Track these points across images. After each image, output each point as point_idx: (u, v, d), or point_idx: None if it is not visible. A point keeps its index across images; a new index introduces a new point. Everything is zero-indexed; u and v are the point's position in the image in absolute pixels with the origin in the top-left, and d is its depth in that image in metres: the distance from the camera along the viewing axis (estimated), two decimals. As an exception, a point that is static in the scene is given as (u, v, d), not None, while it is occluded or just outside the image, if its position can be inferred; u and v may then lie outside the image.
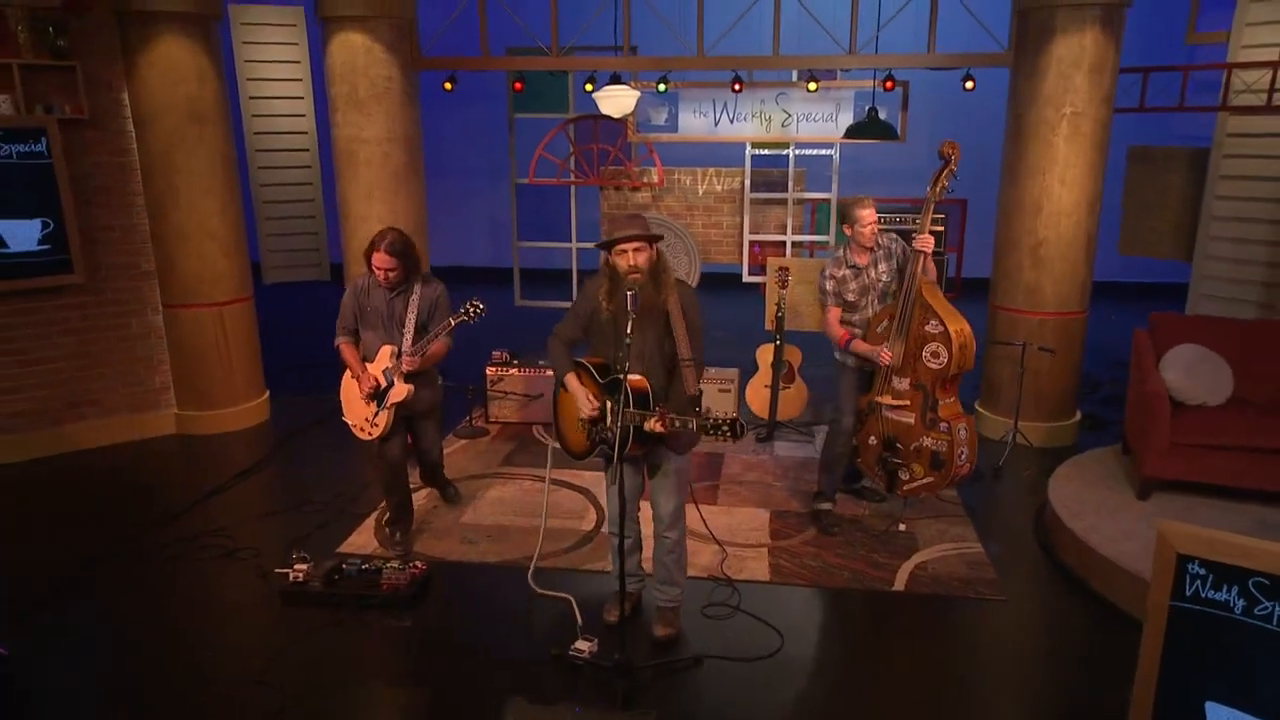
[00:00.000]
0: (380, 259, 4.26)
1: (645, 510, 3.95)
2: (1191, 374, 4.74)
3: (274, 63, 7.52)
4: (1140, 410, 4.70)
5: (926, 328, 4.45)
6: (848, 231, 4.64)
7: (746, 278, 8.19)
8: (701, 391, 3.48)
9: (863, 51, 6.19)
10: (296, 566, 4.21)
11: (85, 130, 5.64)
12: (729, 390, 6.50)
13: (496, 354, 6.62)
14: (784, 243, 8.07)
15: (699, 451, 5.69)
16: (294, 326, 8.44)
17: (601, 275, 3.58)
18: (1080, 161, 5.67)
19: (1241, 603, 2.51)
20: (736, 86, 6.51)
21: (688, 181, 8.22)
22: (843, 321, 4.72)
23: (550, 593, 4.19)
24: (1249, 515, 4.46)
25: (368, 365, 4.49)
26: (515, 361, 6.59)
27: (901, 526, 4.83)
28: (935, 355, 4.44)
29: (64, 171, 5.46)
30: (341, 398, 4.65)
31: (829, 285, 4.69)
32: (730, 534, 4.79)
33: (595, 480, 5.54)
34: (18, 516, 5.13)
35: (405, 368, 4.33)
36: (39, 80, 5.42)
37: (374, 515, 5.04)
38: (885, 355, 4.47)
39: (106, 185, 5.82)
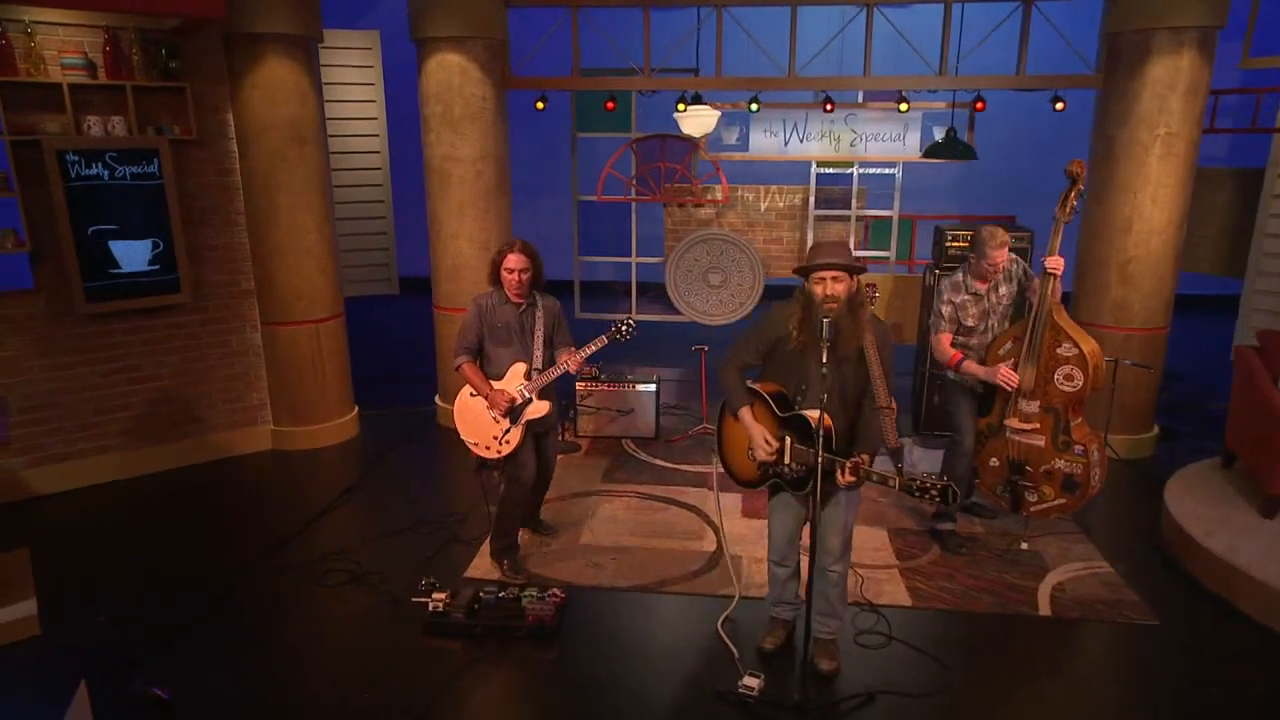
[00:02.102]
0: (515, 259, 3.93)
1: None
2: (1314, 393, 4.40)
3: (351, 84, 7.13)
4: (1263, 428, 4.35)
5: (1059, 350, 4.08)
6: (972, 260, 4.27)
7: (809, 291, 7.81)
8: (903, 445, 3.10)
9: (952, 73, 5.81)
10: (435, 596, 3.81)
11: (192, 150, 5.22)
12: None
13: (586, 368, 6.22)
14: (845, 258, 7.71)
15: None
16: (370, 340, 8.03)
17: (795, 303, 3.18)
18: (1172, 181, 5.32)
19: None
20: (829, 107, 6.14)
21: (750, 198, 7.84)
22: (955, 344, 4.35)
23: (727, 640, 3.81)
24: (1381, 535, 4.13)
25: (493, 383, 4.09)
26: (603, 376, 6.20)
27: (1024, 545, 4.47)
28: (1069, 378, 4.07)
29: (174, 192, 5.03)
30: (456, 417, 4.21)
31: (946, 310, 4.32)
32: (855, 555, 4.39)
33: (700, 496, 5.17)
34: (135, 536, 4.70)
35: (572, 369, 3.99)
36: (149, 102, 4.99)
37: (488, 540, 4.64)
38: (1012, 378, 4.11)
39: (211, 205, 5.40)
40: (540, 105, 6.29)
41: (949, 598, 4.01)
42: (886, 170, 7.58)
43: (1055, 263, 4.02)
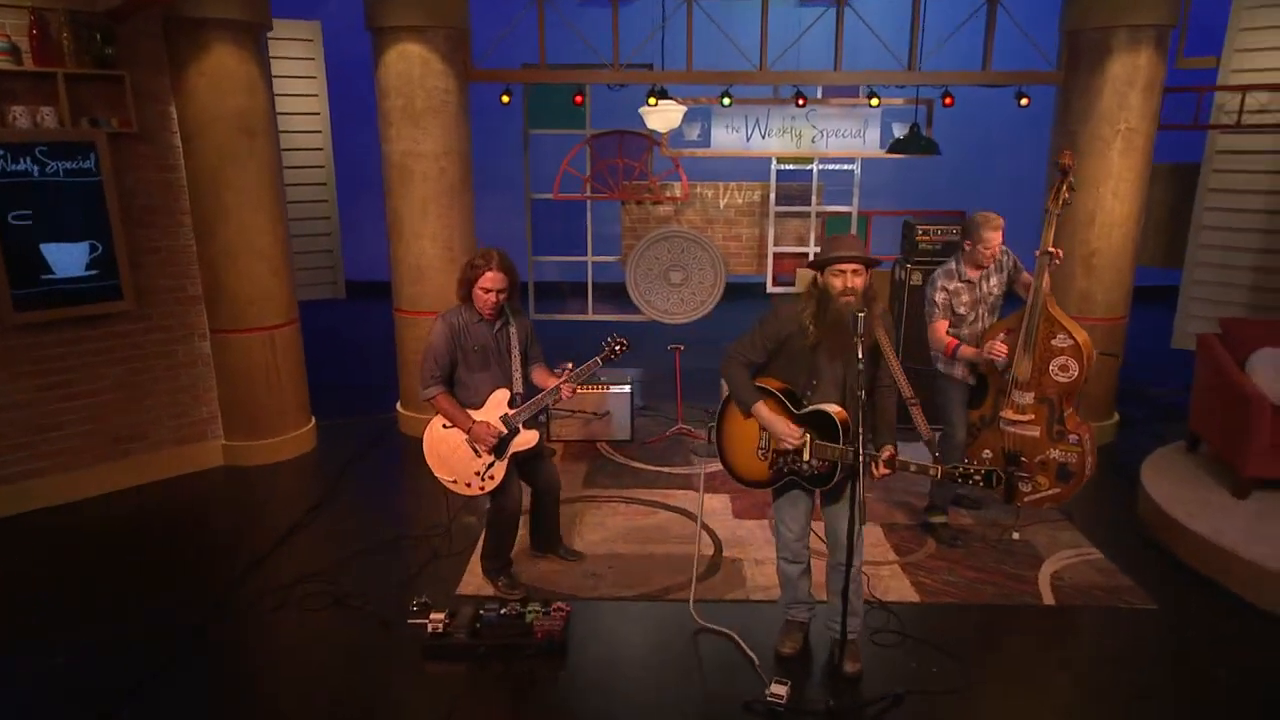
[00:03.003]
0: (494, 278, 3.63)
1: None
2: None
3: (291, 78, 6.76)
4: (1235, 412, 4.50)
5: (1054, 341, 4.12)
6: (967, 246, 4.27)
7: (771, 288, 7.80)
8: (935, 435, 3.04)
9: (920, 69, 5.85)
10: (433, 616, 3.56)
11: (132, 144, 4.79)
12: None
13: (556, 371, 6.02)
14: (806, 254, 7.73)
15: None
16: (319, 346, 7.62)
17: (807, 298, 3.09)
18: (1132, 175, 5.48)
19: None
20: (800, 101, 6.09)
21: (709, 195, 7.78)
22: (948, 333, 4.36)
23: (716, 628, 3.68)
24: (1346, 511, 4.32)
25: (471, 413, 3.77)
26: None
27: (1016, 535, 4.51)
28: (1064, 369, 4.12)
29: (113, 190, 4.61)
30: (428, 452, 3.86)
31: (940, 298, 4.32)
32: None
33: (690, 499, 5.04)
34: (83, 568, 4.27)
35: (565, 396, 3.73)
36: (83, 91, 4.56)
37: (476, 552, 4.41)
38: (1000, 350, 4.11)
39: (154, 204, 4.98)
40: (505, 99, 6.05)
41: (955, 591, 4.00)
42: (846, 166, 7.62)
43: (1056, 253, 4.05)
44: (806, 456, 3.11)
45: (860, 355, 2.83)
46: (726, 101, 5.96)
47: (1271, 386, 4.50)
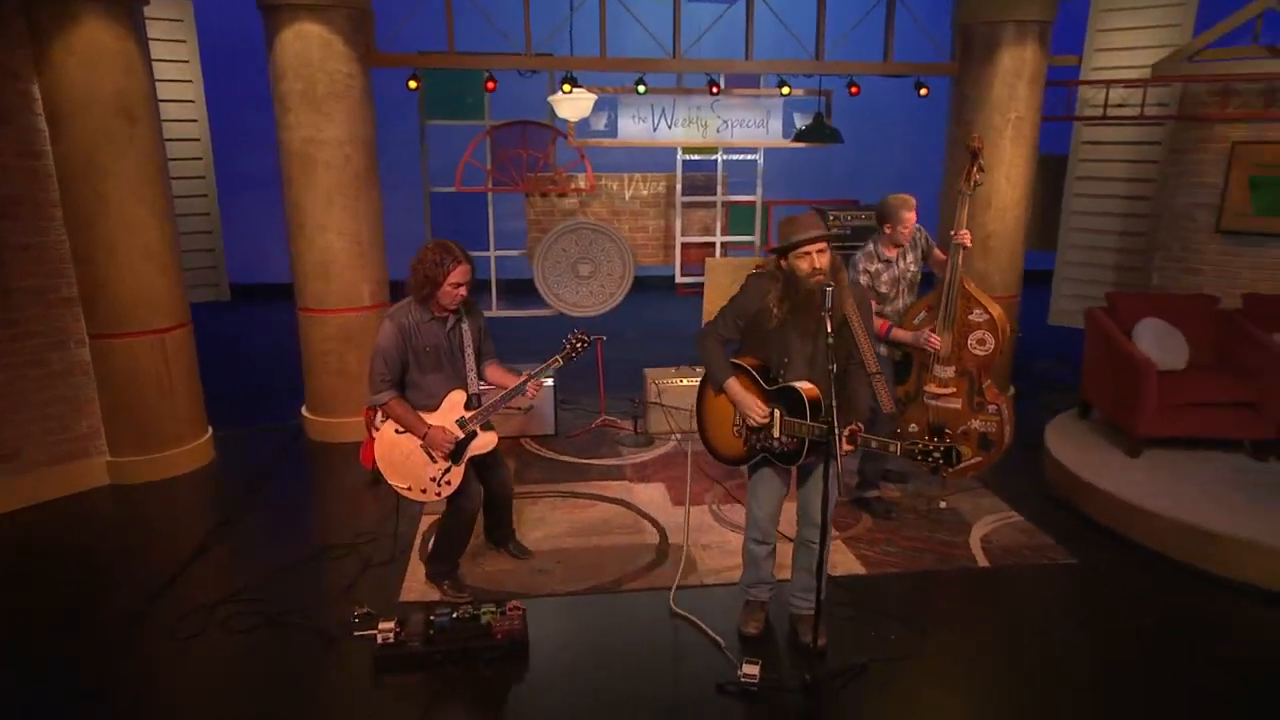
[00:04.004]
0: (464, 271, 3.45)
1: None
2: (1161, 344, 4.99)
3: (160, 61, 6.21)
4: (1126, 378, 4.87)
5: (971, 316, 4.33)
6: (887, 229, 4.41)
7: (680, 278, 7.84)
8: (898, 410, 3.10)
9: (826, 59, 6.01)
10: (381, 626, 3.35)
11: (-9, 128, 4.26)
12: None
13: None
14: (713, 244, 7.83)
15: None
16: (208, 352, 7.09)
17: (770, 279, 3.09)
18: (1022, 162, 5.85)
19: None
20: (714, 89, 6.13)
21: (615, 187, 7.74)
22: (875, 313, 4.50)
23: (684, 613, 3.65)
24: (1223, 462, 4.76)
25: (425, 416, 3.56)
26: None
27: (943, 504, 4.71)
28: (982, 342, 4.33)
29: (-29, 178, 4.08)
30: (380, 459, 3.63)
31: (864, 280, 4.45)
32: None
33: (623, 490, 4.98)
34: (-51, 609, 3.76)
35: (530, 395, 3.57)
36: (-70, 65, 4.01)
37: (413, 556, 4.19)
38: (934, 340, 4.30)
39: (16, 195, 4.44)
40: (413, 84, 5.77)
41: (896, 561, 4.14)
42: (749, 156, 7.76)
43: (964, 236, 4.25)
44: (776, 433, 3.11)
45: (830, 330, 2.85)
46: (642, 89, 5.94)
47: (1155, 353, 4.90)
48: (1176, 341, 5.04)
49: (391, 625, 3.35)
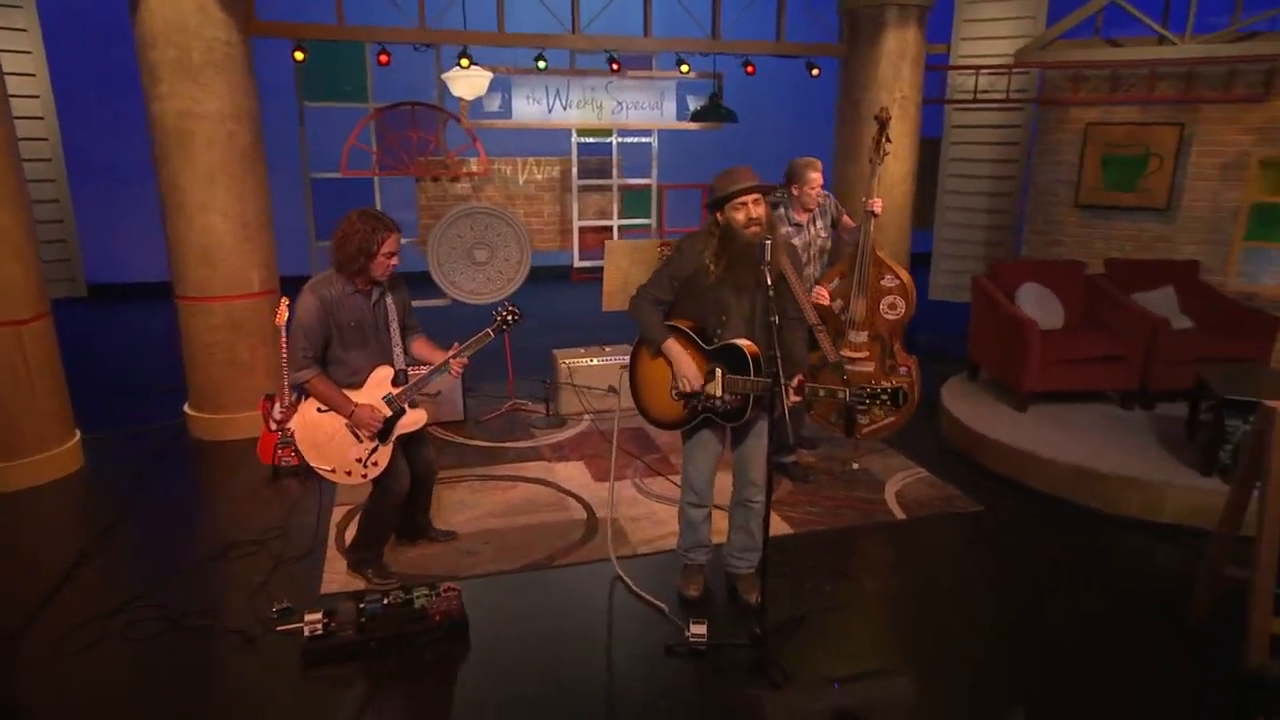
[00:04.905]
0: (397, 240, 3.30)
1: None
2: (1041, 306, 5.39)
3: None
4: (1012, 339, 5.22)
5: (883, 282, 4.52)
6: (795, 191, 4.53)
7: (578, 262, 7.79)
8: (842, 359, 3.17)
9: (723, 38, 6.12)
10: (308, 618, 3.14)
11: None
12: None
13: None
14: (610, 228, 7.82)
15: (626, 428, 5.29)
16: (66, 351, 6.48)
17: (707, 235, 3.10)
18: (907, 140, 6.16)
19: (1338, 457, 2.85)
20: (614, 66, 6.10)
21: (508, 171, 7.59)
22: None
23: (628, 581, 3.61)
24: (1097, 412, 5.20)
25: (351, 395, 3.37)
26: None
27: (855, 465, 4.90)
28: (893, 306, 4.53)
29: None
30: (300, 440, 3.41)
31: None
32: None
33: (543, 470, 4.90)
34: None
35: (455, 373, 3.41)
36: None
37: (330, 549, 3.96)
38: (823, 295, 4.45)
39: None
40: (299, 55, 5.45)
41: (820, 519, 4.26)
42: (644, 139, 7.79)
43: (876, 204, 4.43)
44: (719, 392, 3.13)
45: (770, 282, 2.90)
46: (542, 64, 5.85)
47: (1037, 314, 5.28)
48: (1053, 304, 5.46)
49: (319, 616, 3.15)
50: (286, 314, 4.50)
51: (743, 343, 3.09)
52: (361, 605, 3.24)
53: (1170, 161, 6.29)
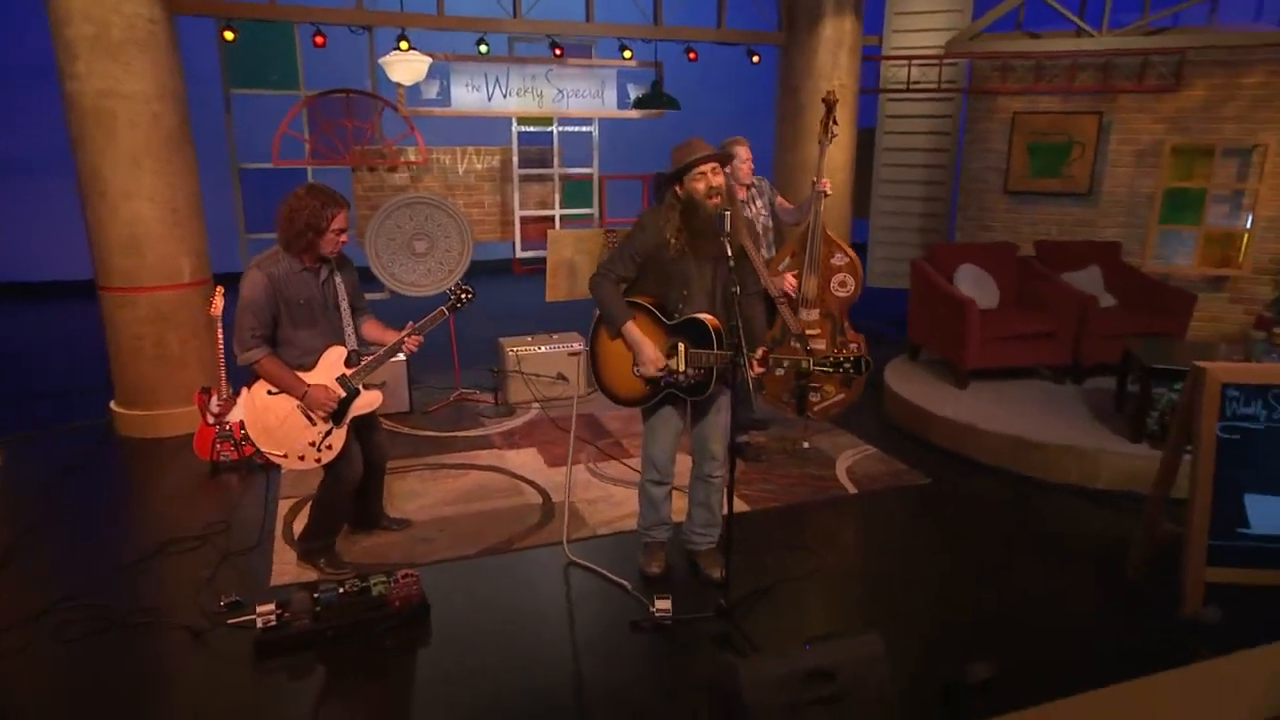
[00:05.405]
0: (345, 218, 3.19)
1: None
2: (978, 286, 5.57)
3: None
4: (952, 319, 5.37)
5: (833, 260, 4.60)
6: (727, 170, 4.57)
7: (521, 253, 7.70)
8: (804, 332, 3.20)
9: (665, 24, 6.13)
10: (260, 609, 3.02)
11: None
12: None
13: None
14: (552, 218, 7.76)
15: (579, 414, 5.25)
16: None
17: (668, 209, 3.09)
18: (846, 127, 6.25)
19: (1264, 412, 3.03)
20: (558, 51, 6.05)
21: (447, 161, 7.46)
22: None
23: (584, 562, 3.59)
24: (1032, 387, 5.40)
25: (304, 376, 3.25)
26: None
27: (806, 444, 4.97)
28: (843, 284, 4.62)
29: None
30: (250, 424, 3.28)
31: None
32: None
33: (495, 458, 4.84)
34: None
35: (409, 349, 3.32)
36: None
37: (277, 541, 3.82)
38: (789, 281, 4.51)
39: None
40: (229, 35, 5.24)
41: (775, 496, 4.31)
42: (584, 128, 7.76)
43: (825, 184, 4.50)
44: (682, 367, 3.13)
45: (730, 254, 2.91)
46: (484, 48, 5.76)
47: (975, 294, 5.46)
48: (989, 285, 5.65)
49: (271, 607, 3.03)
50: (221, 304, 4.33)
51: (704, 316, 3.10)
52: (316, 595, 3.13)
53: (1091, 149, 6.58)
